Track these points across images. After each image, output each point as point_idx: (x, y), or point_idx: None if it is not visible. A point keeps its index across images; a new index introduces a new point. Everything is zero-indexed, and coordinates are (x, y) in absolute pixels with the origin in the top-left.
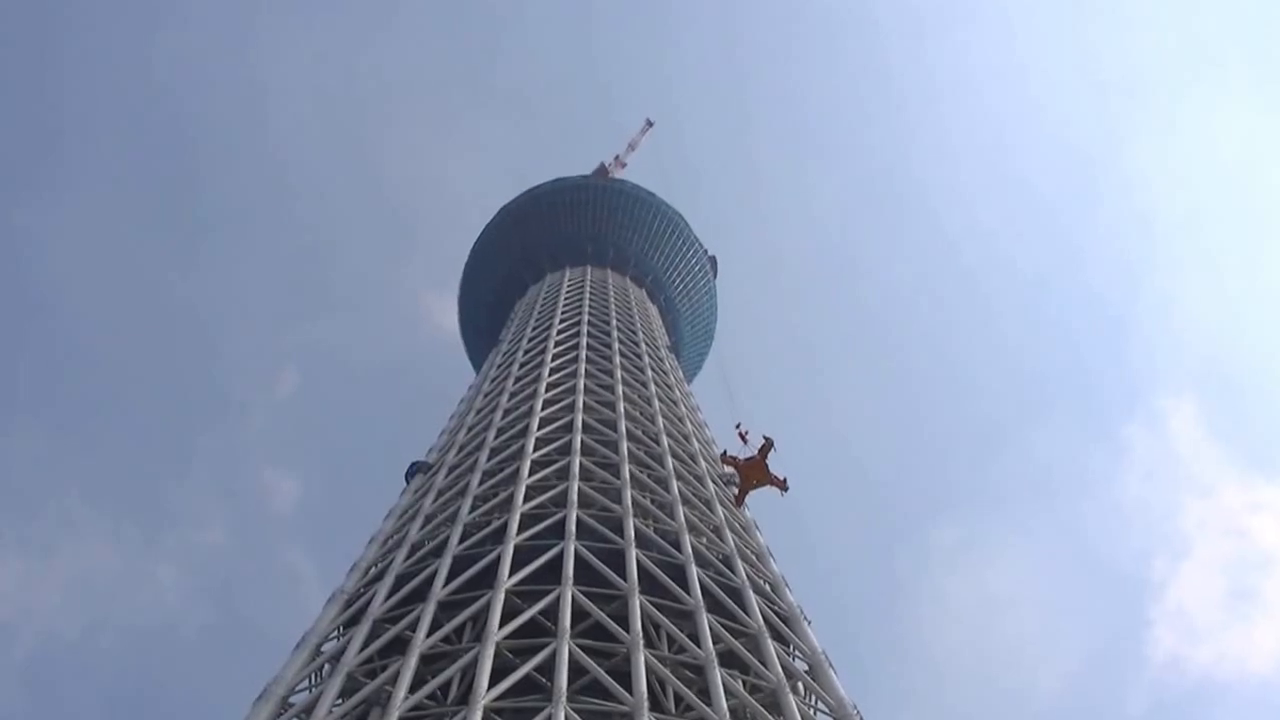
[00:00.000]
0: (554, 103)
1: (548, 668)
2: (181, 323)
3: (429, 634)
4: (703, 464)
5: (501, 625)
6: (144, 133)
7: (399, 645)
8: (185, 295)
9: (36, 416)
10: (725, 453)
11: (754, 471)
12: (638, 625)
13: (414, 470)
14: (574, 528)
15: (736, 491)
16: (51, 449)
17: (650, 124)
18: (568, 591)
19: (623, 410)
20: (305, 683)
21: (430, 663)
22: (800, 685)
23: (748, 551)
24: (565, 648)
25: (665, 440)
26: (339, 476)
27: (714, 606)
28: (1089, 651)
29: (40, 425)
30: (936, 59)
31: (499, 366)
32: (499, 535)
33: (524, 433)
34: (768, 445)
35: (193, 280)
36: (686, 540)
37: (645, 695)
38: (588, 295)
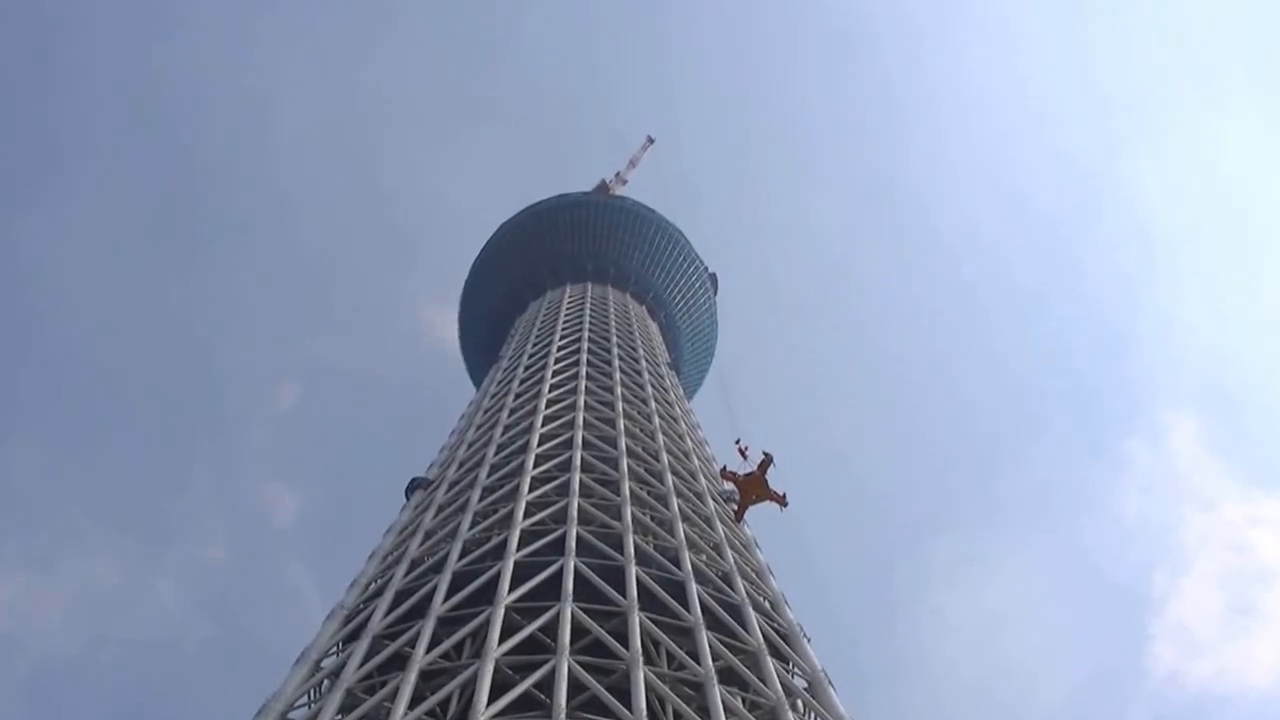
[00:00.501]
0: (555, 118)
1: (547, 684)
2: (182, 336)
3: (428, 650)
4: (702, 481)
5: (501, 641)
6: (143, 145)
7: (398, 661)
8: (185, 308)
9: (37, 429)
10: (725, 468)
11: (753, 487)
12: (637, 642)
13: (414, 486)
14: (574, 544)
15: (735, 507)
16: (52, 462)
17: (651, 141)
18: (567, 608)
19: (623, 427)
20: (304, 699)
21: (429, 679)
22: (799, 703)
23: (747, 568)
24: (565, 664)
25: (665, 457)
26: (339, 491)
27: (714, 624)
28: (1089, 666)
29: (41, 438)
30: (936, 73)
31: (499, 383)
32: (499, 551)
33: (524, 449)
34: (767, 461)
35: (193, 293)
36: (686, 557)
37: (644, 712)
38: (588, 312)
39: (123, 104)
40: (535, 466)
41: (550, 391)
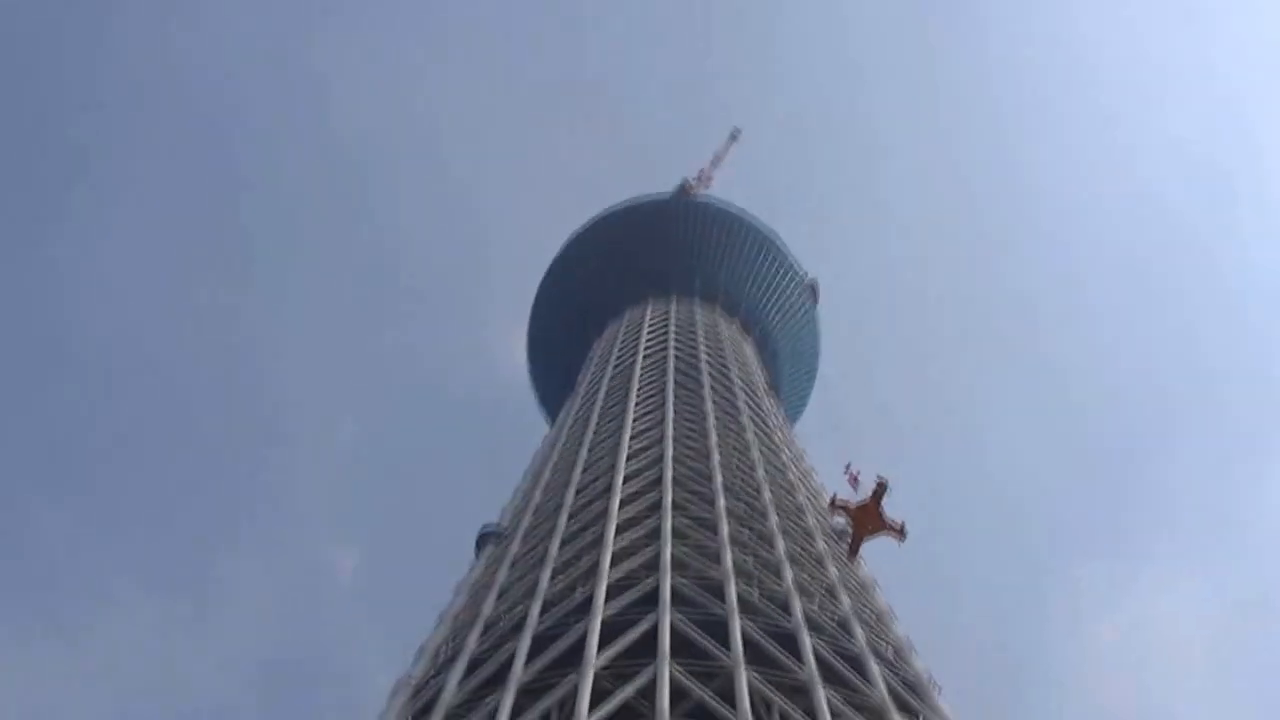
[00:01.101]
0: (635, 114)
1: None
2: (237, 372)
3: None
4: (810, 518)
5: (591, 710)
6: (194, 168)
7: None
8: (240, 344)
9: (78, 490)
10: (835, 496)
11: (867, 518)
12: (745, 704)
13: (484, 538)
14: (668, 596)
15: (849, 543)
16: (95, 524)
17: (738, 133)
18: (665, 668)
19: (718, 461)
20: None
21: None
22: None
23: (866, 613)
24: None
25: (767, 493)
26: (402, 542)
27: (830, 677)
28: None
29: (84, 501)
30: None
31: (576, 417)
32: (584, 608)
33: (607, 491)
34: (881, 488)
35: (248, 325)
36: (797, 604)
37: None
38: (673, 332)
39: (172, 122)
40: (620, 510)
41: (634, 424)
